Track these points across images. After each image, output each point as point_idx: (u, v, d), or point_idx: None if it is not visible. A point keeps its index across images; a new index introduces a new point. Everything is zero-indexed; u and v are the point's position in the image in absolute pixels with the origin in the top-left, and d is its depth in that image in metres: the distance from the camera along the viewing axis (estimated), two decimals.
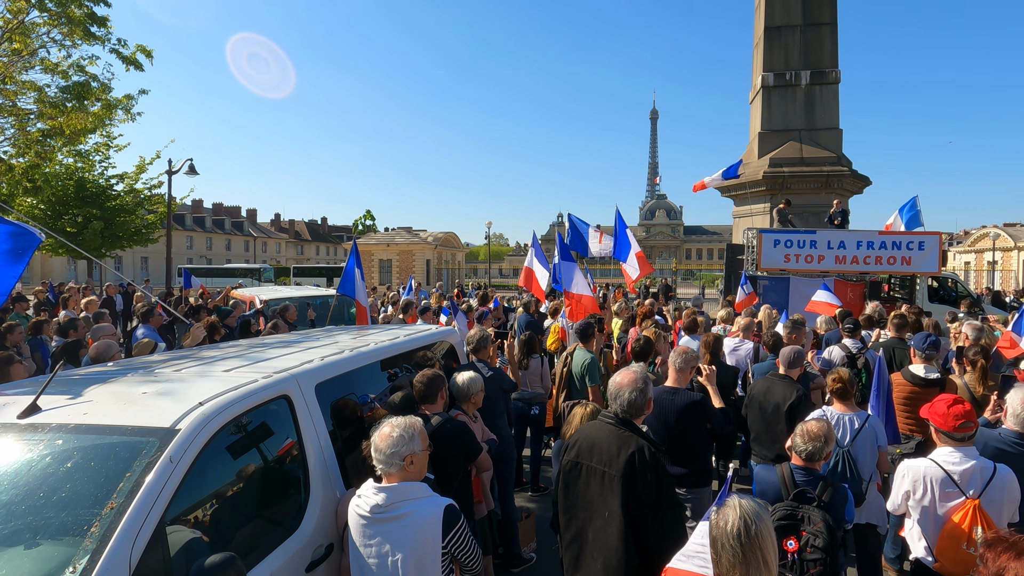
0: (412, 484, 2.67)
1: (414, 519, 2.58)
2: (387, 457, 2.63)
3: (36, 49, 11.79)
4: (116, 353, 5.19)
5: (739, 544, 1.79)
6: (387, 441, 2.63)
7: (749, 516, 1.82)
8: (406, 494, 2.62)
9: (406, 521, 2.58)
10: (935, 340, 5.30)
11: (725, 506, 1.87)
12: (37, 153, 13.19)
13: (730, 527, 1.81)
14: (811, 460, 3.29)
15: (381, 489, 2.64)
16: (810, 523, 2.97)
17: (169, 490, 2.24)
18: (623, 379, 2.96)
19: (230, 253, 72.85)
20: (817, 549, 2.89)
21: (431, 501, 2.66)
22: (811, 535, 2.93)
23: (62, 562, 1.98)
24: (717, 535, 1.82)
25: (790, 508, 3.06)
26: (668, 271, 47.45)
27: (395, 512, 2.59)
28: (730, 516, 1.83)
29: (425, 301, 13.01)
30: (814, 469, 3.31)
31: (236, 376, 3.10)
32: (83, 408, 2.60)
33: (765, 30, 17.68)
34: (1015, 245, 48.49)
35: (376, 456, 2.65)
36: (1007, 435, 3.54)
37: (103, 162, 22.57)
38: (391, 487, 2.63)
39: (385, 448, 2.63)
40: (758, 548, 1.80)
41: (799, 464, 3.32)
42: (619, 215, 10.11)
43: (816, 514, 2.99)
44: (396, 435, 2.65)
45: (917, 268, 13.37)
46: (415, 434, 2.71)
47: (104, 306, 13.28)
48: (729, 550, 1.80)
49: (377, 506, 2.60)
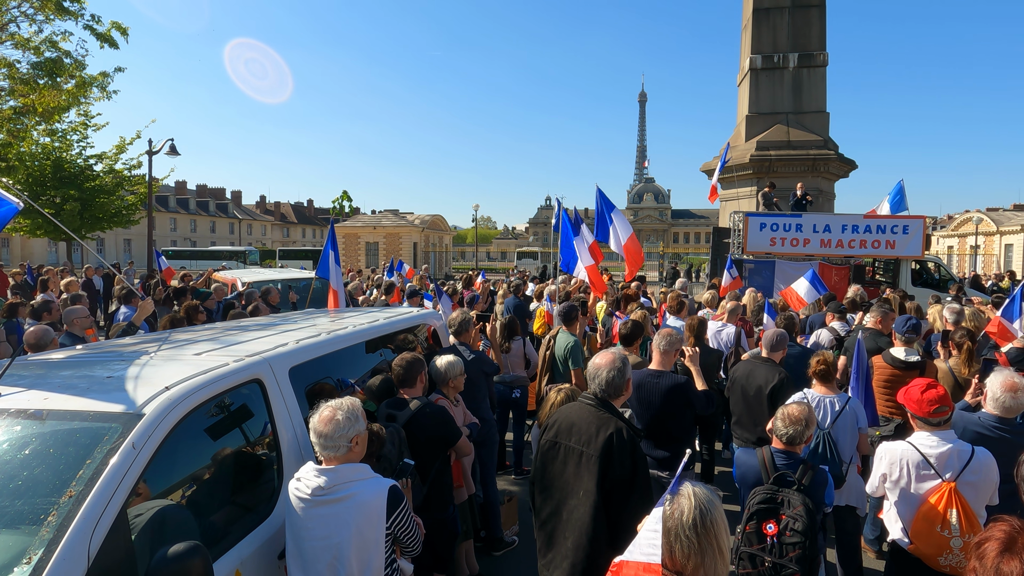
0: (355, 466, 2.62)
1: (357, 500, 2.53)
2: (332, 441, 2.56)
3: (6, 23, 11.42)
4: (54, 338, 5.20)
5: (695, 534, 1.75)
6: (331, 425, 2.56)
7: (704, 504, 1.78)
8: (349, 476, 2.57)
9: (349, 503, 2.53)
10: (915, 323, 5.32)
11: (679, 495, 1.82)
12: (10, 131, 12.86)
13: (686, 517, 1.76)
14: (792, 444, 3.28)
15: (323, 471, 2.57)
16: (790, 507, 2.97)
17: (132, 477, 2.17)
18: (602, 360, 2.93)
19: (215, 236, 71.87)
20: (796, 532, 2.88)
21: (375, 482, 2.60)
22: (791, 518, 2.93)
23: (17, 553, 1.91)
24: (672, 526, 1.77)
25: (770, 491, 3.05)
26: (656, 255, 47.50)
27: (338, 494, 2.53)
28: (685, 505, 1.78)
29: (411, 285, 12.90)
30: (794, 452, 3.30)
31: (207, 360, 3.01)
32: (44, 393, 2.51)
33: (754, 12, 17.56)
34: (997, 230, 48.99)
35: (319, 441, 2.58)
36: (986, 419, 3.55)
37: (81, 142, 22.06)
38: (333, 469, 2.57)
39: (331, 432, 2.56)
40: (713, 536, 1.76)
41: (779, 448, 3.31)
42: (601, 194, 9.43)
43: (796, 497, 2.98)
44: (341, 418, 2.58)
45: (901, 252, 13.46)
46: (358, 415, 2.65)
47: (84, 288, 13.04)
48: (685, 540, 1.75)
49: (319, 488, 2.54)
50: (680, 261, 41.31)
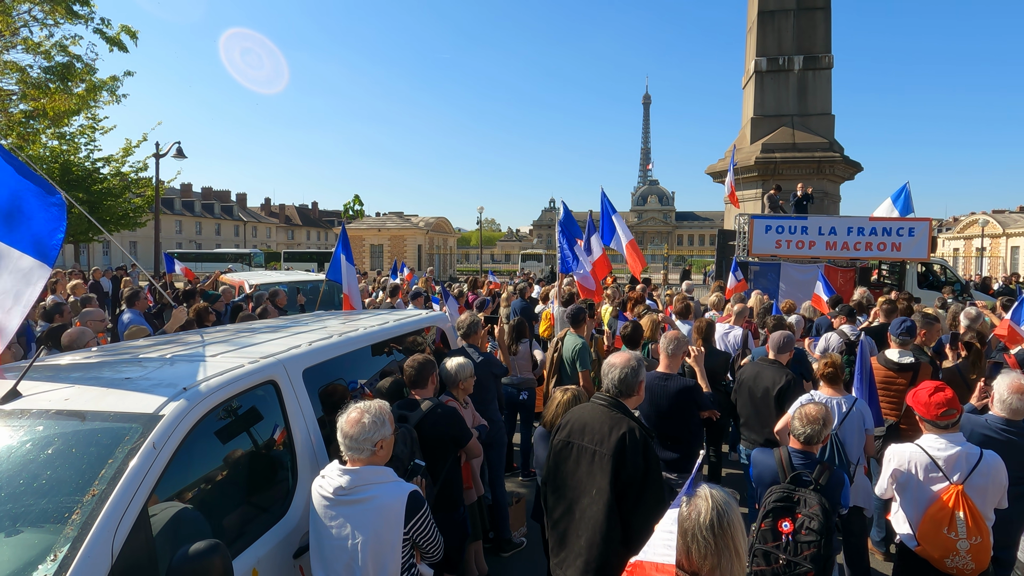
0: (377, 468, 2.64)
1: (377, 503, 2.55)
2: (357, 443, 2.59)
3: (18, 28, 11.53)
4: (91, 340, 5.02)
5: (712, 535, 1.77)
6: (357, 427, 2.60)
7: (721, 506, 1.80)
8: (371, 478, 2.60)
9: (368, 505, 2.55)
10: (910, 325, 5.33)
11: (696, 496, 1.84)
12: (20, 135, 12.95)
13: (703, 518, 1.78)
14: (809, 443, 3.31)
15: (346, 471, 2.60)
16: (806, 506, 2.99)
17: (152, 477, 2.21)
18: (616, 359, 2.98)
19: (220, 238, 72.11)
20: (812, 531, 2.91)
21: (396, 486, 2.63)
22: (806, 517, 2.95)
23: (43, 550, 1.95)
24: (689, 527, 1.79)
25: (786, 491, 3.08)
26: (660, 257, 47.47)
27: (358, 495, 2.56)
28: (702, 506, 1.80)
29: (416, 287, 12.95)
30: (811, 452, 3.32)
31: (222, 361, 3.05)
32: (64, 394, 2.55)
33: (759, 14, 17.55)
34: (1003, 232, 48.78)
35: (344, 442, 2.61)
36: (994, 421, 3.56)
37: (88, 145, 22.18)
38: (356, 470, 2.60)
39: (356, 434, 2.59)
40: (730, 538, 1.78)
41: (797, 448, 3.34)
42: (605, 197, 9.56)
43: (812, 497, 3.00)
44: (367, 421, 2.61)
45: (907, 254, 13.42)
46: (385, 419, 2.68)
47: (91, 291, 13.13)
48: (702, 541, 1.77)
49: (340, 488, 2.57)
50: (685, 263, 41.30)
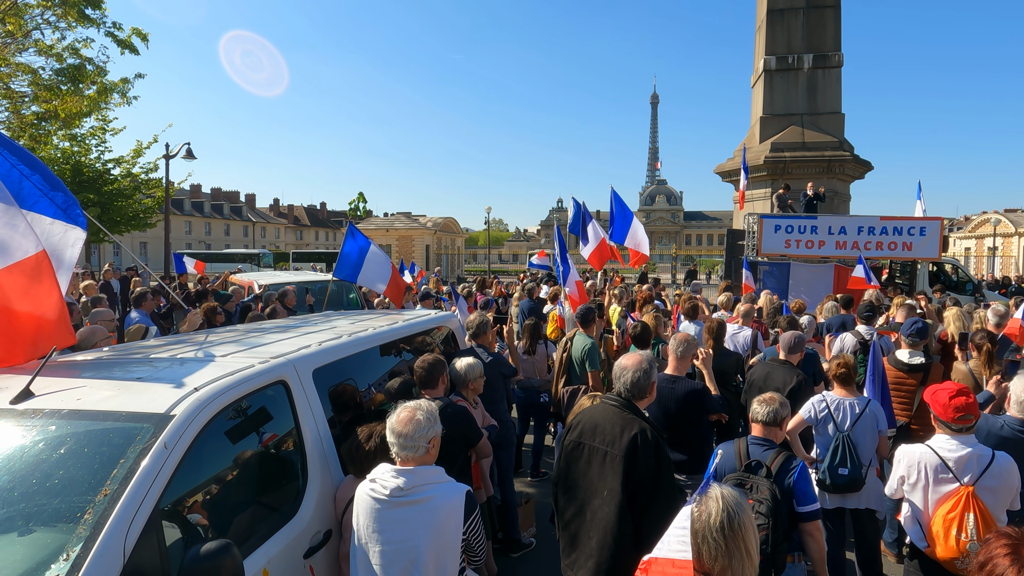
0: (433, 468, 2.62)
1: (436, 503, 2.51)
2: (412, 441, 2.56)
3: (30, 31, 11.65)
4: (103, 339, 4.99)
5: (722, 536, 1.75)
6: (412, 425, 2.57)
7: (732, 507, 1.79)
8: (428, 477, 2.56)
9: (428, 505, 2.51)
10: (922, 326, 5.29)
11: (707, 497, 1.82)
12: (32, 136, 13.08)
13: (713, 519, 1.77)
14: (772, 424, 3.33)
15: (401, 472, 2.56)
16: (756, 491, 3.03)
17: (164, 476, 2.21)
18: (628, 361, 2.97)
19: (229, 238, 72.54)
20: (760, 515, 2.93)
21: (452, 486, 2.60)
22: (756, 502, 2.99)
23: (55, 549, 1.96)
24: (699, 528, 1.78)
25: (740, 479, 3.14)
26: (668, 256, 47.33)
27: (417, 496, 2.51)
28: (712, 508, 1.79)
29: (425, 287, 12.97)
30: (772, 440, 3.32)
31: (232, 361, 3.06)
32: (76, 393, 2.57)
33: (768, 13, 17.47)
34: (1016, 231, 48.32)
35: (398, 441, 2.57)
36: (1011, 422, 3.53)
37: (99, 146, 22.33)
38: (412, 470, 2.56)
39: (411, 432, 2.56)
40: (741, 539, 1.77)
41: (758, 434, 3.35)
42: (615, 195, 9.93)
43: (763, 483, 3.05)
44: (422, 418, 2.59)
45: (918, 254, 13.31)
46: (436, 416, 2.67)
47: (101, 291, 13.22)
48: (712, 543, 1.76)
49: (398, 489, 2.51)
50: (693, 262, 41.19)
